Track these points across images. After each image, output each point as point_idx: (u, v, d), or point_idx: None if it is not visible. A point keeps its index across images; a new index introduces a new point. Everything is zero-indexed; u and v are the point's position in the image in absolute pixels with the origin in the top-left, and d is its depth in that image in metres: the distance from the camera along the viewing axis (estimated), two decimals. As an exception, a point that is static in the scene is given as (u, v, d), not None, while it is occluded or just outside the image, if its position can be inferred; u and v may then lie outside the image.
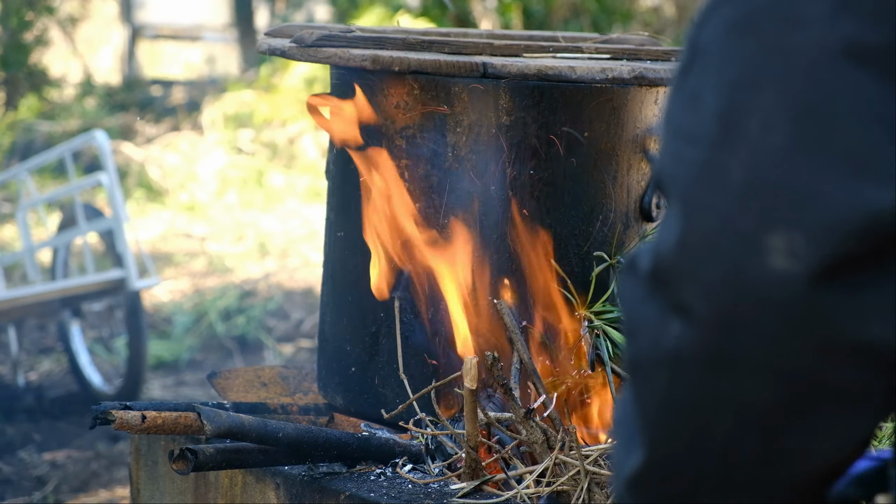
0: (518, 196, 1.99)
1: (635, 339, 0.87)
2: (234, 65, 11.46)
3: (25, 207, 4.74)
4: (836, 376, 0.81)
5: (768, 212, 0.80)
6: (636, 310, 0.87)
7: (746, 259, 0.80)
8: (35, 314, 4.64)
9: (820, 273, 0.79)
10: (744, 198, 0.81)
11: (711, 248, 0.82)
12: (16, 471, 4.08)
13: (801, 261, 0.79)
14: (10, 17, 8.94)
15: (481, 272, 2.00)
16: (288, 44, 2.06)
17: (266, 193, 7.88)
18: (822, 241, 0.79)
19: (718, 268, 0.81)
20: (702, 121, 0.84)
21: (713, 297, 0.81)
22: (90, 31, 11.81)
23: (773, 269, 0.80)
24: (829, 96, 0.80)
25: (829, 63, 0.80)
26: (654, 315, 0.85)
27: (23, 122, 8.97)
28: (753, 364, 0.82)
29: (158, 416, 1.88)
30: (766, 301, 0.80)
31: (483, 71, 1.92)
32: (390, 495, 1.86)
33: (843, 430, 0.83)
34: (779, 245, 0.80)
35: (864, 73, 0.79)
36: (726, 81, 0.83)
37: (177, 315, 5.60)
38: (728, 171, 0.82)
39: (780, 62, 0.81)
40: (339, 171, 2.13)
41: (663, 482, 0.87)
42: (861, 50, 0.79)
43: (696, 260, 0.82)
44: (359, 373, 2.11)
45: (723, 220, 0.81)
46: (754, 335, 0.81)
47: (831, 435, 0.83)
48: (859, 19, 0.80)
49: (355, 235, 2.09)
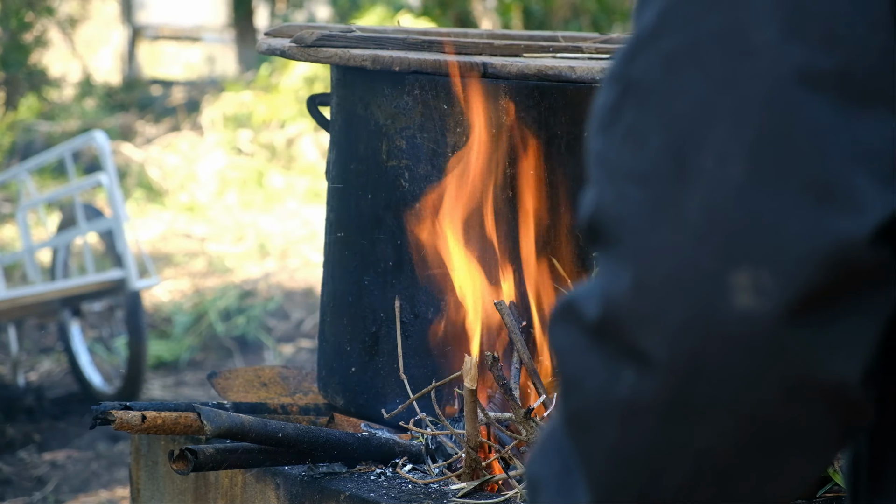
0: (518, 196, 1.99)
1: (576, 390, 0.81)
2: (234, 65, 11.47)
3: (25, 207, 4.74)
4: (803, 418, 0.78)
5: (730, 248, 0.76)
6: (576, 360, 0.81)
7: (710, 299, 0.76)
8: (35, 314, 4.64)
9: (789, 310, 0.75)
10: (703, 235, 0.77)
11: (671, 290, 0.77)
12: (16, 471, 4.08)
13: (768, 298, 0.75)
14: (10, 17, 8.94)
15: (482, 272, 2.01)
16: (288, 44, 2.06)
17: (266, 194, 7.89)
18: (789, 275, 0.75)
19: (680, 311, 0.77)
20: (647, 158, 0.79)
21: (676, 341, 0.77)
22: (90, 32, 11.81)
23: (739, 308, 0.76)
24: (785, 125, 0.77)
25: (782, 91, 0.77)
26: (599, 364, 0.80)
27: (23, 122, 8.97)
28: (717, 410, 0.77)
29: (158, 416, 1.88)
30: (733, 342, 0.76)
31: (483, 71, 1.93)
32: (390, 495, 1.86)
33: (803, 472, 0.81)
34: (744, 283, 0.76)
35: (820, 98, 0.76)
36: (673, 115, 0.79)
37: (177, 315, 5.60)
38: (683, 208, 0.77)
39: (730, 93, 0.78)
40: (338, 172, 2.13)
41: None
42: (815, 75, 0.76)
43: (656, 304, 0.77)
44: (359, 373, 2.11)
45: (682, 261, 0.77)
46: (720, 379, 0.77)
47: (790, 477, 0.80)
48: (809, 45, 0.77)
49: (355, 236, 2.09)
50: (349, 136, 2.09)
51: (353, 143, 2.08)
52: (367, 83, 2.04)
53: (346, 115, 2.10)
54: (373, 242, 2.06)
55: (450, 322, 2.02)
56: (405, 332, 2.05)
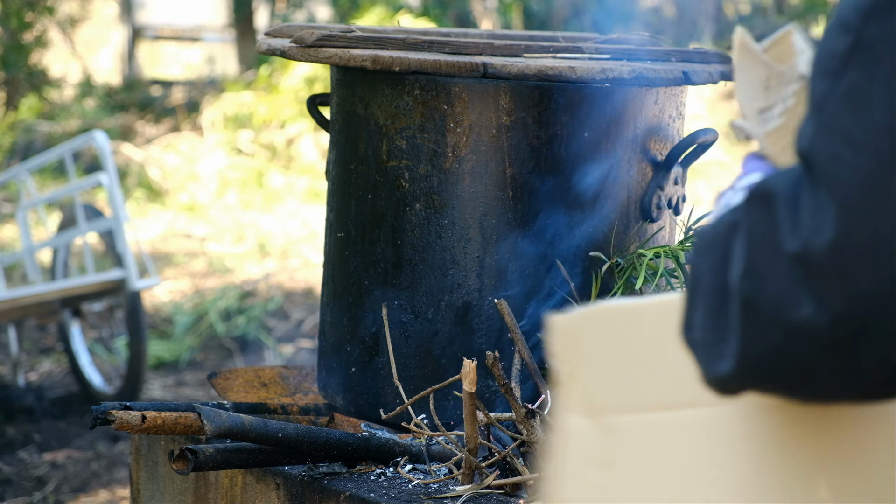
0: (518, 196, 1.99)
1: (755, 279, 0.89)
2: (234, 65, 11.47)
3: (25, 207, 4.74)
4: None
5: None
6: (764, 254, 0.89)
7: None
8: (35, 314, 4.64)
9: None
10: None
11: (866, 260, 0.83)
12: (16, 471, 4.08)
13: None
14: (10, 17, 8.93)
15: (481, 272, 2.01)
16: (288, 44, 2.06)
17: (266, 194, 7.88)
18: None
19: (870, 281, 0.83)
20: (868, 128, 0.83)
21: (857, 304, 0.84)
22: (90, 32, 11.81)
23: None
24: None
25: None
26: (785, 277, 0.87)
27: (23, 122, 8.97)
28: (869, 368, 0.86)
29: (158, 417, 1.88)
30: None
31: (483, 71, 1.92)
32: (390, 495, 1.86)
33: None
34: None
35: None
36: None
37: (177, 315, 5.60)
38: (894, 191, 0.82)
39: None
40: (338, 172, 2.13)
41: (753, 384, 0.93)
42: None
43: (849, 269, 0.84)
44: (359, 373, 2.11)
45: (883, 238, 0.83)
46: (882, 347, 0.85)
47: None
48: None
49: (355, 236, 2.09)
50: (349, 136, 2.09)
51: (353, 143, 2.08)
52: (367, 83, 2.04)
53: (346, 115, 2.09)
54: (373, 242, 2.06)
55: (451, 322, 2.02)
56: (405, 333, 2.05)
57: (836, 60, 0.85)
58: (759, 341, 0.89)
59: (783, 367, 0.89)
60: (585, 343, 1.12)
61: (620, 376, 1.11)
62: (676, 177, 2.10)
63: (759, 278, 0.89)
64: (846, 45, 0.85)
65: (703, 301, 0.95)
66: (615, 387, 1.11)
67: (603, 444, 1.10)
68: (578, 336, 1.12)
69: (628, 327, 1.11)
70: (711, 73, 2.06)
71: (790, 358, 0.88)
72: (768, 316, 0.88)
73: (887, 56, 0.83)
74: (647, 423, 1.09)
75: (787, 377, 0.90)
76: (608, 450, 1.10)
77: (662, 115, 2.08)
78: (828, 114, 0.86)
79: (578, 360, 1.11)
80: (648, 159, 2.07)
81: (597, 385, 1.11)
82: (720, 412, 1.06)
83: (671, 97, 2.09)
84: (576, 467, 1.11)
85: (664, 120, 2.08)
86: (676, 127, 2.12)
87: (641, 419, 1.09)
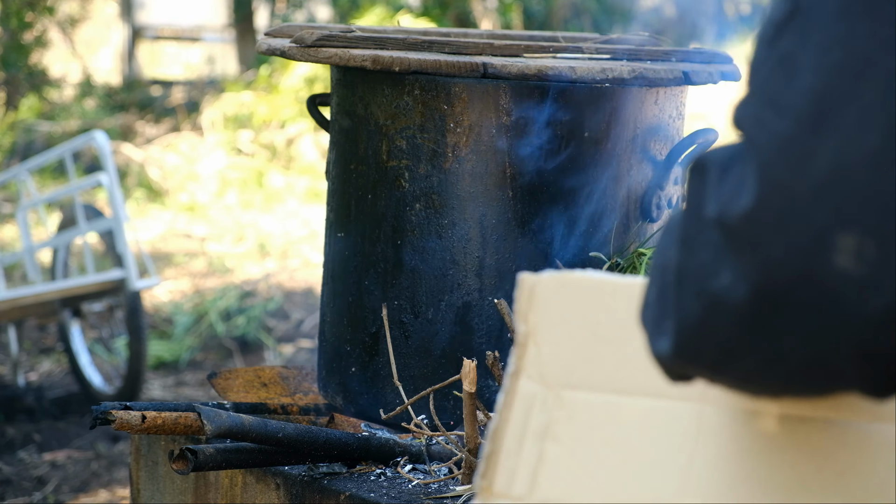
0: (518, 196, 1.99)
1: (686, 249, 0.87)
2: (234, 65, 11.47)
3: (25, 207, 4.74)
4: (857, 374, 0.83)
5: (845, 210, 0.79)
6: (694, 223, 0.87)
7: (811, 250, 0.80)
8: (35, 314, 4.64)
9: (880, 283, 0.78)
10: (823, 188, 0.79)
11: (780, 228, 0.81)
12: (16, 471, 4.08)
13: (867, 266, 0.78)
14: (10, 17, 8.94)
15: (481, 272, 2.01)
16: (288, 44, 2.06)
17: (266, 194, 7.89)
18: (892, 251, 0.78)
19: (781, 250, 0.81)
20: (793, 93, 0.81)
21: (768, 273, 0.82)
22: (90, 32, 11.81)
23: (835, 266, 0.79)
24: None
25: None
26: (709, 246, 0.85)
27: (23, 122, 8.97)
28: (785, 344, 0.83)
29: (158, 417, 1.88)
30: (819, 295, 0.80)
31: (483, 71, 1.92)
32: (390, 495, 1.86)
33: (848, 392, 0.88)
34: (848, 246, 0.79)
35: None
36: (830, 62, 0.80)
37: (177, 315, 5.60)
38: (813, 156, 0.80)
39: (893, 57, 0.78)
40: (338, 172, 2.13)
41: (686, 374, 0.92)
42: None
43: (763, 236, 0.82)
44: (359, 373, 2.11)
45: (797, 207, 0.80)
46: (796, 322, 0.82)
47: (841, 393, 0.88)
48: None
49: (355, 236, 2.09)
50: (349, 136, 2.09)
51: (353, 143, 2.08)
52: (367, 83, 2.04)
53: (346, 115, 2.10)
54: (373, 242, 2.06)
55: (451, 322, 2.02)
56: (405, 333, 2.05)
57: (772, 27, 0.84)
58: (685, 315, 0.88)
59: (707, 343, 0.87)
60: (552, 307, 1.07)
61: (584, 350, 1.07)
62: (676, 177, 2.10)
63: (687, 248, 0.88)
64: (784, 11, 0.84)
65: (656, 279, 0.94)
66: (577, 360, 1.07)
67: (552, 416, 1.06)
68: (546, 298, 1.07)
69: (600, 302, 1.07)
70: (711, 73, 2.06)
71: (712, 333, 0.86)
72: (693, 287, 0.87)
73: (822, 21, 0.81)
74: (604, 403, 1.05)
75: (711, 356, 0.87)
76: (556, 422, 1.06)
77: (662, 115, 2.08)
78: (759, 80, 0.84)
79: (541, 324, 1.07)
80: (648, 159, 2.07)
81: (557, 354, 1.07)
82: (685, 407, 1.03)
83: (671, 97, 2.09)
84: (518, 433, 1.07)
85: (664, 120, 2.08)
86: (676, 127, 2.12)
87: (599, 399, 1.05)
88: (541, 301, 1.07)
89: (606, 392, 1.05)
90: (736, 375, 0.88)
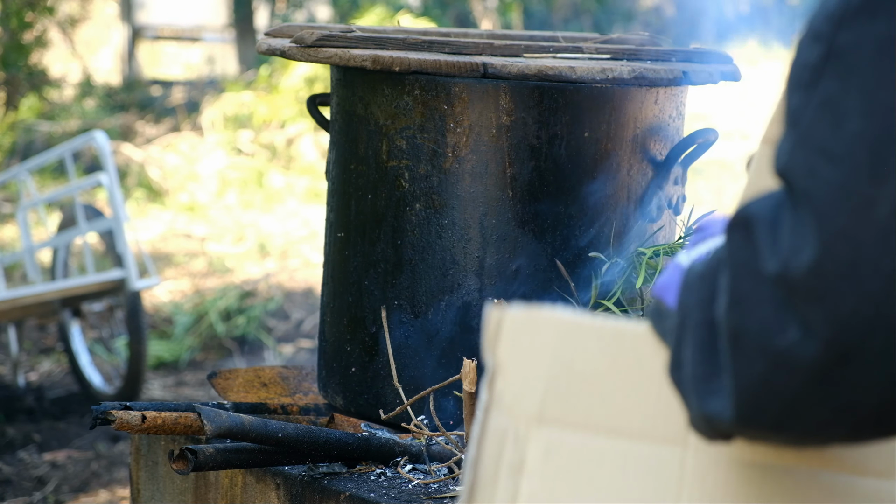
0: (518, 196, 1.99)
1: (740, 308, 0.85)
2: (234, 65, 11.47)
3: (25, 207, 4.74)
4: None
5: None
6: (747, 280, 0.85)
7: (883, 298, 0.79)
8: (35, 314, 4.64)
9: None
10: (888, 234, 0.79)
11: (849, 280, 0.80)
12: (16, 471, 4.08)
13: None
14: (10, 17, 8.93)
15: (481, 272, 2.01)
16: (288, 44, 2.06)
17: (266, 194, 7.89)
18: None
19: (852, 301, 0.80)
20: (844, 140, 0.80)
21: (841, 326, 0.81)
22: (90, 32, 11.81)
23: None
24: None
25: None
26: (769, 303, 0.84)
27: (23, 122, 8.97)
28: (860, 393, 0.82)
29: (158, 416, 1.88)
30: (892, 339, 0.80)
31: (483, 71, 1.92)
32: (390, 495, 1.86)
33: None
34: None
35: None
36: (879, 105, 0.79)
37: (177, 315, 5.60)
38: (873, 203, 0.79)
39: None
40: (338, 172, 2.13)
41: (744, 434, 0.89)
42: None
43: (830, 289, 0.80)
44: (359, 373, 2.11)
45: (864, 255, 0.79)
46: (871, 370, 0.81)
47: None
48: None
49: (355, 236, 2.09)
50: (349, 136, 2.09)
51: (353, 143, 2.08)
52: (367, 83, 2.04)
53: (346, 115, 2.10)
54: (373, 242, 2.06)
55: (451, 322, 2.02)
56: (405, 333, 2.05)
57: (809, 71, 0.83)
58: (747, 374, 0.86)
59: (772, 401, 0.85)
60: (520, 342, 1.06)
61: (554, 387, 1.05)
62: (676, 177, 2.10)
63: (743, 307, 0.85)
64: (819, 54, 0.82)
65: (692, 336, 0.91)
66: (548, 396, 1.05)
67: (525, 452, 1.04)
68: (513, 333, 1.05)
69: (570, 340, 1.05)
70: (711, 73, 2.06)
71: (778, 390, 0.84)
72: (754, 346, 0.85)
73: (861, 63, 0.80)
74: (581, 442, 1.04)
75: (774, 414, 0.86)
76: (531, 459, 1.04)
77: (662, 115, 2.08)
78: (803, 127, 0.82)
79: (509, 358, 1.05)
80: (648, 159, 2.07)
81: (525, 389, 1.05)
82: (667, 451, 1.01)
83: (671, 97, 2.09)
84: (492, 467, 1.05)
85: (664, 120, 2.08)
86: (676, 127, 2.12)
87: (575, 437, 1.04)
88: (508, 335, 1.06)
89: (583, 431, 1.04)
90: (800, 431, 0.87)
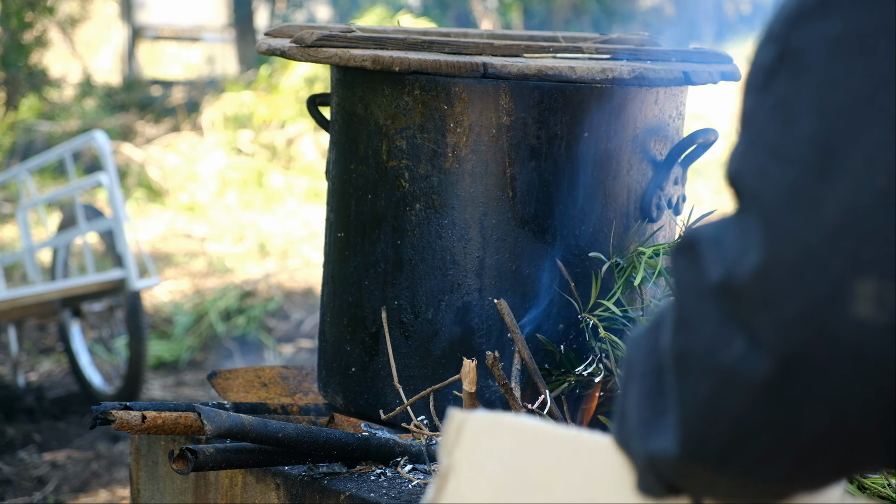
0: (518, 196, 1.99)
1: (688, 330, 0.82)
2: (234, 65, 11.47)
3: (25, 207, 4.74)
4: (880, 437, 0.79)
5: (861, 255, 0.75)
6: (694, 301, 0.82)
7: (829, 301, 0.76)
8: (35, 314, 4.64)
9: None
10: (836, 236, 0.76)
11: (793, 282, 0.77)
12: (16, 471, 4.08)
13: (889, 312, 0.75)
14: (10, 17, 8.94)
15: (481, 272, 2.01)
16: (288, 44, 2.06)
17: (266, 194, 7.89)
18: None
19: (797, 304, 0.77)
20: (794, 140, 0.78)
21: (787, 331, 0.77)
22: (90, 32, 11.81)
23: (856, 315, 0.76)
24: None
25: None
26: (714, 319, 0.81)
27: (23, 122, 8.97)
28: (811, 403, 0.78)
29: (158, 417, 1.88)
30: (842, 347, 0.76)
31: (483, 71, 1.92)
32: (390, 495, 1.86)
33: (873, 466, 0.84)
34: (867, 293, 0.75)
35: None
36: (829, 104, 0.77)
37: (177, 315, 5.60)
38: (821, 204, 0.76)
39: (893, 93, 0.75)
40: (338, 172, 2.13)
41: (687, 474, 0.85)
42: None
43: (776, 292, 0.77)
44: (359, 373, 2.11)
45: (810, 256, 0.76)
46: (820, 377, 0.77)
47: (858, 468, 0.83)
48: None
49: (355, 236, 2.09)
50: (349, 136, 2.09)
51: (353, 143, 2.08)
52: (367, 83, 2.04)
53: (346, 115, 2.10)
54: (373, 242, 2.06)
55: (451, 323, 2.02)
56: (405, 333, 2.05)
57: (763, 73, 0.81)
58: (691, 399, 0.81)
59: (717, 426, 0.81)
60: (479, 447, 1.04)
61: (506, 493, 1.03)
62: (676, 177, 2.10)
63: (687, 328, 0.82)
64: (773, 56, 0.80)
65: (637, 386, 0.88)
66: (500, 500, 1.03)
67: None
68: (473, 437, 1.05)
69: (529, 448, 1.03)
70: (711, 73, 2.06)
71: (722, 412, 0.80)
72: (699, 366, 0.81)
73: (813, 63, 0.78)
74: None
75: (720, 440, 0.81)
76: None
77: (662, 115, 2.08)
78: (755, 130, 0.80)
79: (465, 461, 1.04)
80: (648, 159, 2.07)
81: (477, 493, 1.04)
82: None
83: (671, 97, 2.09)
84: None
85: (664, 120, 2.08)
86: (676, 127, 2.12)
87: None
88: (468, 439, 1.05)
89: None
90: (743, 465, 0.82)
